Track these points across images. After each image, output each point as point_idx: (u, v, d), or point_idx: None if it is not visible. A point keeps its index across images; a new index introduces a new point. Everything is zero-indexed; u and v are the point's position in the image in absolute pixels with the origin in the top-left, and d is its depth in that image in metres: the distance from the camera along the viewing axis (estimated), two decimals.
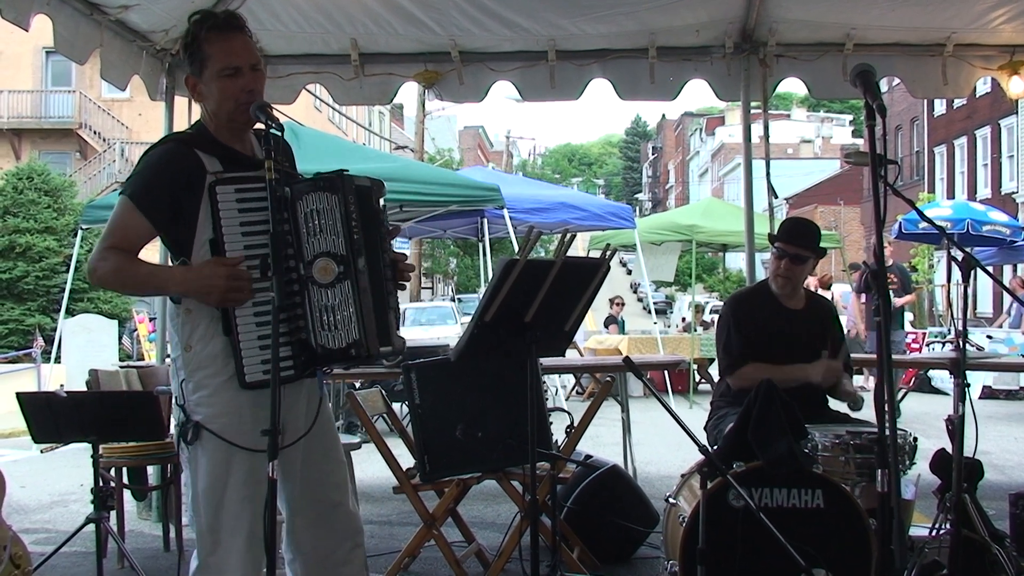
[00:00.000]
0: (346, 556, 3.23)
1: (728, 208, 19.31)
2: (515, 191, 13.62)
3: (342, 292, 2.91)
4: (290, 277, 2.92)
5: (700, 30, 6.65)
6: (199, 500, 2.99)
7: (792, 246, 4.89)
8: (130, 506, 6.35)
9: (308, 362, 2.98)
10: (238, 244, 2.91)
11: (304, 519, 3.19)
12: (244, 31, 3.08)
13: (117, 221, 2.99)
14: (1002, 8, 6.31)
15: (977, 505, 4.32)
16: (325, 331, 2.91)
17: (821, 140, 70.68)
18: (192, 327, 2.97)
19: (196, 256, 2.95)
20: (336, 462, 3.27)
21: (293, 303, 2.93)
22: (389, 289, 3.10)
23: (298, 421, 3.09)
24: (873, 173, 2.97)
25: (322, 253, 2.91)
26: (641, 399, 11.66)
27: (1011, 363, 11.24)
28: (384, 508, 6.56)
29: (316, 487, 3.18)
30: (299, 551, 3.21)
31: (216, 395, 2.96)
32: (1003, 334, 16.33)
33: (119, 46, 5.88)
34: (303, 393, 3.12)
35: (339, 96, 7.07)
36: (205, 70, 3.03)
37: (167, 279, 3.05)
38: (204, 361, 2.96)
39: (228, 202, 2.91)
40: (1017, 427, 12.14)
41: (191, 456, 3.00)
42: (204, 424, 2.95)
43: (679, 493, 4.48)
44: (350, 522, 3.26)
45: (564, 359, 6.99)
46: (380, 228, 3.11)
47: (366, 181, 3.09)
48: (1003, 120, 29.87)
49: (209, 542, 2.98)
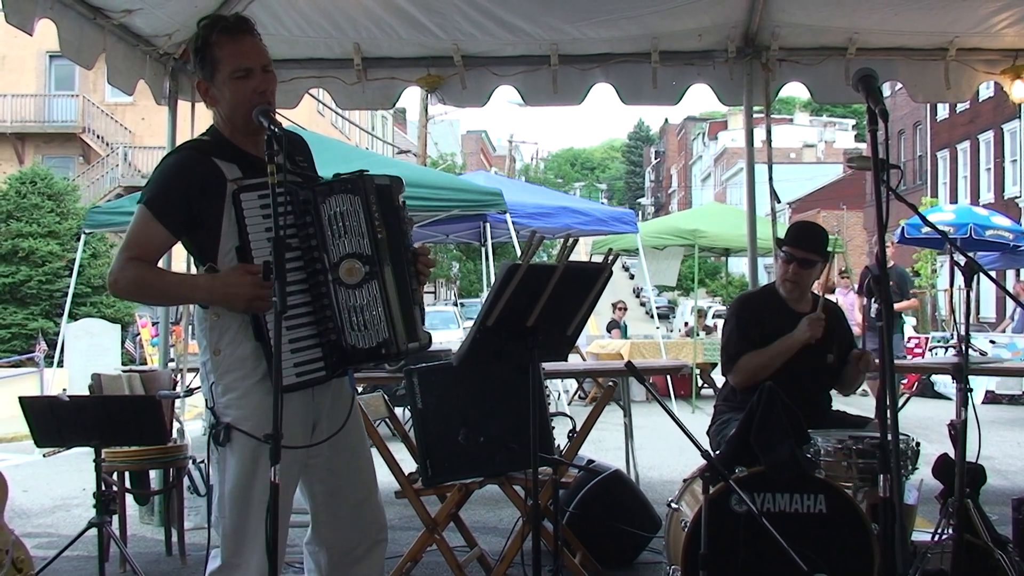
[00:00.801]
0: (368, 550, 3.30)
1: (730, 212, 19.36)
2: (518, 196, 13.64)
3: (369, 292, 2.97)
4: (317, 279, 2.97)
5: (703, 34, 6.65)
6: (225, 501, 3.02)
7: (800, 250, 4.89)
8: (132, 510, 6.35)
9: (339, 362, 3.02)
10: (264, 250, 2.92)
11: (330, 514, 3.24)
12: (254, 33, 3.11)
13: (135, 231, 3.01)
14: (1005, 12, 6.31)
15: (980, 510, 4.32)
16: (355, 331, 2.97)
17: (824, 144, 70.59)
18: (221, 331, 3.00)
19: (222, 263, 2.98)
20: (364, 459, 3.33)
21: (322, 305, 2.97)
22: (413, 285, 3.15)
23: (329, 420, 3.15)
24: (875, 177, 2.97)
25: (348, 255, 2.96)
26: (643, 404, 11.66)
27: (1014, 367, 11.23)
28: (386, 512, 6.55)
29: (344, 483, 3.23)
30: (323, 543, 3.27)
31: (247, 396, 2.99)
32: (1006, 339, 16.31)
33: (123, 51, 5.89)
34: (332, 393, 3.16)
35: (342, 101, 7.07)
36: (217, 73, 3.05)
37: (193, 288, 3.08)
38: (234, 364, 2.99)
39: (253, 209, 2.93)
40: (1020, 432, 12.14)
41: (220, 457, 3.03)
42: (235, 425, 2.98)
43: (681, 498, 4.49)
44: (375, 518, 3.33)
45: (566, 364, 6.99)
46: (402, 225, 3.16)
47: (385, 179, 3.14)
48: (1006, 124, 29.85)
49: (233, 542, 3.01)
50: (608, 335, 19.08)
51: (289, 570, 4.89)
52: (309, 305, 2.97)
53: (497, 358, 3.75)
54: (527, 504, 4.29)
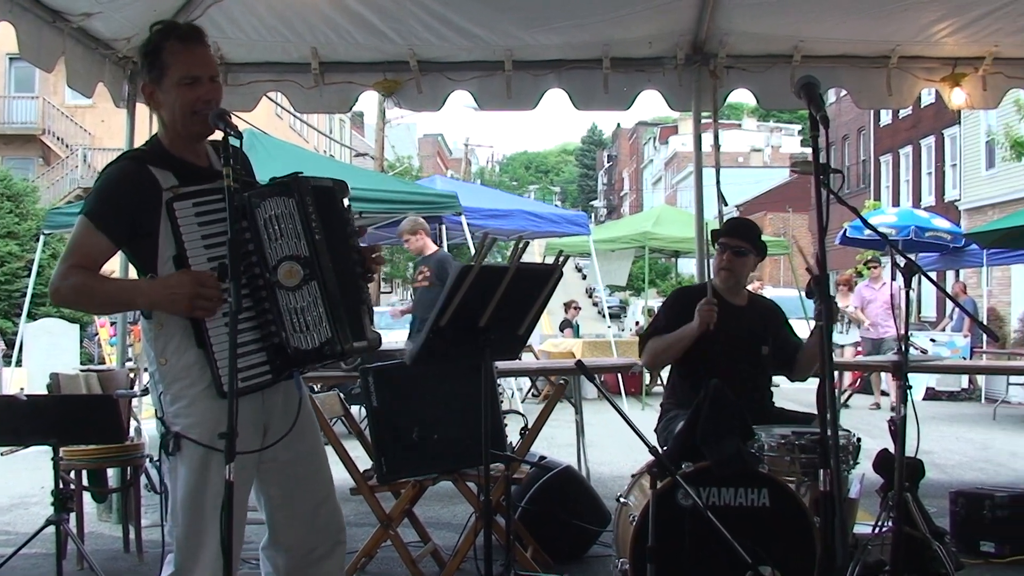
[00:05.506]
0: (328, 551, 3.29)
1: (680, 215, 19.54)
2: (473, 199, 13.77)
3: (310, 293, 2.96)
4: (257, 284, 2.97)
5: (652, 42, 6.76)
6: (178, 509, 3.03)
7: (734, 239, 5.12)
8: (90, 508, 6.35)
9: (284, 365, 3.03)
10: (201, 257, 2.94)
11: (288, 516, 3.23)
12: (205, 43, 3.13)
13: (77, 240, 3.01)
14: (945, 22, 6.48)
15: (918, 503, 4.47)
16: (298, 333, 2.96)
17: (771, 149, 71.32)
18: (166, 340, 3.00)
19: (162, 272, 2.98)
20: (320, 460, 3.32)
21: (263, 309, 2.97)
22: (360, 285, 3.16)
23: (279, 423, 3.15)
24: (816, 182, 3.10)
25: (286, 257, 2.96)
26: (595, 401, 11.73)
27: (951, 365, 11.53)
28: (342, 509, 6.60)
29: (300, 485, 3.23)
30: (281, 546, 3.25)
31: (194, 405, 2.99)
32: (946, 337, 16.69)
33: (82, 53, 5.89)
34: (281, 395, 3.17)
35: (299, 104, 7.11)
36: (164, 78, 3.05)
37: (134, 293, 3.08)
38: (180, 373, 2.99)
39: (187, 217, 2.93)
40: (959, 427, 12.41)
41: (171, 467, 3.03)
42: (183, 434, 2.98)
43: (630, 493, 4.57)
44: (334, 518, 3.32)
45: (519, 362, 7.08)
46: (346, 226, 3.15)
47: (327, 181, 3.13)
48: (947, 130, 30.35)
49: (187, 550, 3.01)
50: (561, 334, 19.20)
51: (245, 566, 4.93)
52: (251, 310, 2.97)
53: (450, 357, 3.82)
54: (480, 500, 4.37)
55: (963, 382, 16.38)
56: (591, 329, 24.26)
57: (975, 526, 5.60)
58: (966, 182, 28.91)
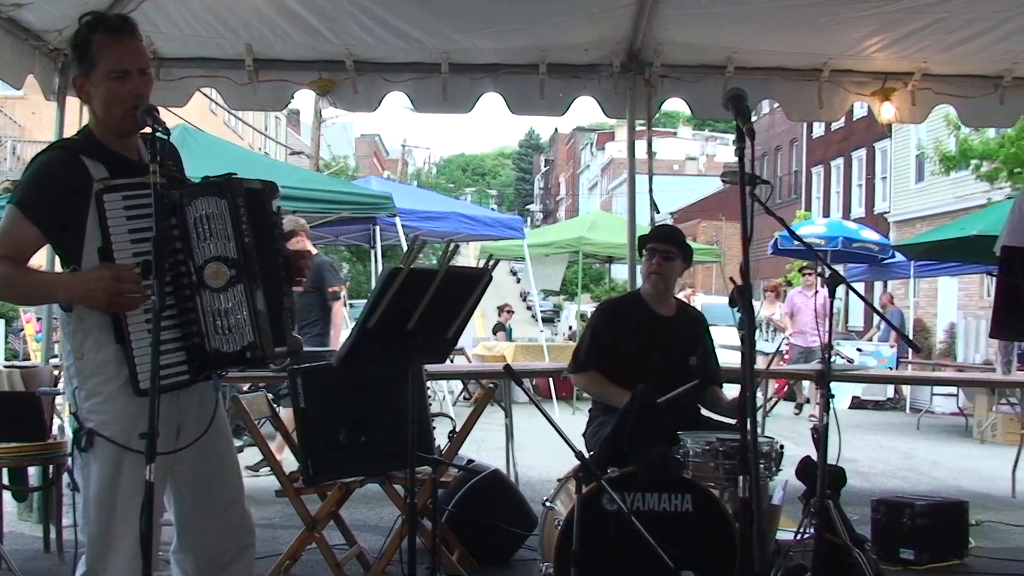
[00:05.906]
0: (237, 554, 3.26)
1: (615, 221, 19.69)
2: (409, 201, 13.75)
3: (235, 296, 2.93)
4: (182, 283, 2.93)
5: (589, 49, 6.81)
6: (90, 506, 2.98)
7: (661, 243, 5.18)
8: (10, 507, 6.22)
9: (202, 366, 2.99)
10: (127, 251, 2.89)
11: (197, 518, 3.19)
12: (135, 35, 3.08)
13: (5, 230, 2.96)
14: (876, 37, 6.60)
15: (840, 510, 4.53)
16: (219, 335, 2.93)
17: (706, 158, 72.04)
18: (84, 335, 2.95)
19: (85, 264, 2.93)
20: (230, 463, 3.29)
21: (186, 308, 2.94)
22: (284, 290, 3.14)
23: (193, 424, 3.11)
24: (741, 193, 3.15)
25: (213, 258, 2.93)
26: (526, 405, 11.72)
27: (875, 375, 11.72)
28: (267, 511, 6.55)
29: (210, 487, 3.19)
30: (190, 549, 3.22)
31: (109, 402, 2.94)
32: (872, 347, 17.01)
33: (12, 44, 5.79)
34: (196, 396, 3.14)
35: (232, 101, 7.04)
36: (94, 71, 3.01)
37: (54, 286, 3.05)
38: (97, 368, 2.95)
39: (116, 209, 2.89)
40: (883, 436, 12.67)
41: (84, 463, 2.98)
42: (97, 430, 2.93)
43: (556, 497, 4.60)
44: (244, 522, 3.29)
45: (449, 365, 7.09)
46: (273, 230, 3.13)
47: (257, 183, 3.11)
48: (877, 143, 30.98)
49: (98, 548, 2.96)
50: (494, 337, 19.25)
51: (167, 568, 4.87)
52: (174, 308, 2.92)
53: (378, 359, 3.82)
54: (407, 503, 4.36)
55: (889, 392, 16.74)
56: (524, 333, 24.34)
57: (895, 534, 5.71)
58: (896, 195, 29.51)
